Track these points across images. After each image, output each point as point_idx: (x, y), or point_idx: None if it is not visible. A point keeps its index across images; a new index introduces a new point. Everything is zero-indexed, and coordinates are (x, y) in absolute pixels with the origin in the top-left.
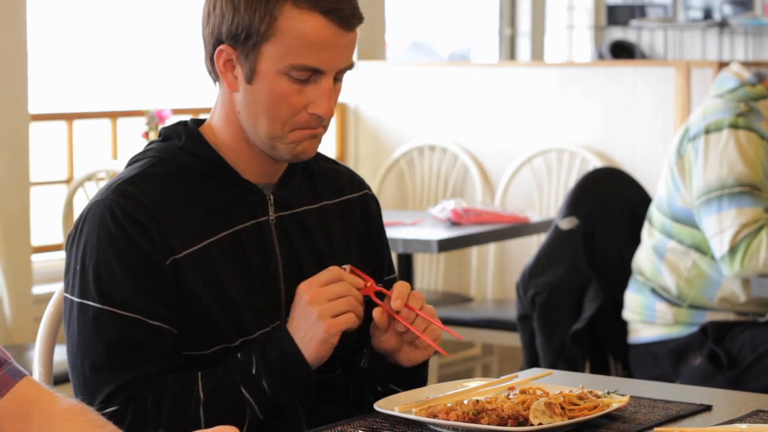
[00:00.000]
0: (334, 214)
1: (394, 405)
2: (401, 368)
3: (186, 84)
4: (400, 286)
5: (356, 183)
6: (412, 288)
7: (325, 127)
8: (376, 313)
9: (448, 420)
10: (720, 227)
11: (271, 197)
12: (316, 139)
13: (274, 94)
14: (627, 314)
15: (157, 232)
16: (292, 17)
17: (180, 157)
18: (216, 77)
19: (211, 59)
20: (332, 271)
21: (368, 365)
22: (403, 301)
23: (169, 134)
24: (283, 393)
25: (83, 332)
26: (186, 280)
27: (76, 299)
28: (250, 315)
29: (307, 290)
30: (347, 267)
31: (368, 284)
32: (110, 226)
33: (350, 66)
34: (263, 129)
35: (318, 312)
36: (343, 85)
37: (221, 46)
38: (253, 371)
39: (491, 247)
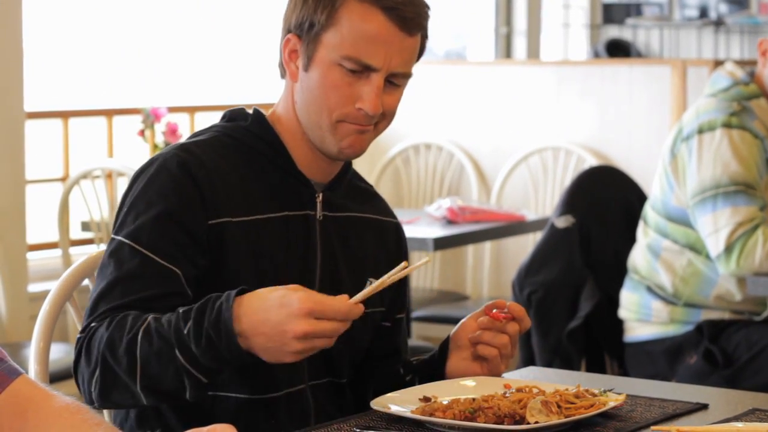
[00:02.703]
0: (373, 229)
1: (390, 403)
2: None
3: (182, 82)
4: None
5: (388, 210)
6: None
7: (378, 129)
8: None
9: (444, 418)
10: (715, 226)
11: (320, 195)
12: (364, 136)
13: (326, 83)
14: (623, 313)
15: (209, 192)
16: (353, 9)
17: (244, 135)
18: (284, 70)
19: (280, 50)
20: (343, 303)
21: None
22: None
23: (234, 116)
24: (213, 362)
25: (104, 262)
26: (226, 245)
27: (113, 236)
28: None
29: (303, 321)
30: (372, 281)
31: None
32: (168, 176)
33: (406, 72)
34: (314, 118)
35: (299, 349)
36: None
37: (288, 36)
38: (185, 331)
39: (487, 246)
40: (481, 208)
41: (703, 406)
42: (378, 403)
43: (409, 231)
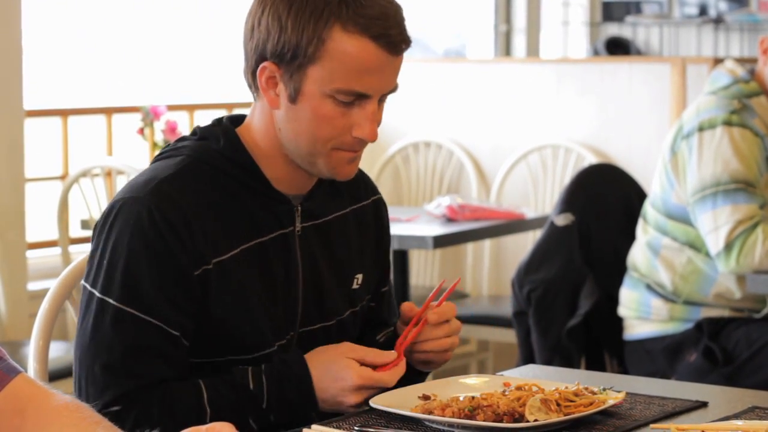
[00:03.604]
0: (352, 221)
1: (389, 401)
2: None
3: (181, 80)
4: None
5: (370, 188)
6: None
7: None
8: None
9: (444, 416)
10: (715, 224)
11: (299, 208)
12: (356, 161)
13: (317, 116)
14: (622, 310)
15: (191, 240)
16: (341, 41)
17: (216, 160)
18: (256, 91)
19: (252, 74)
20: (389, 357)
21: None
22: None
23: (206, 134)
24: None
25: (100, 329)
26: (211, 290)
27: (97, 294)
28: (269, 327)
29: (361, 377)
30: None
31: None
32: (146, 229)
33: (395, 89)
34: (304, 147)
35: (354, 402)
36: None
37: (265, 63)
38: (264, 405)
39: (486, 244)
40: (481, 206)
41: (703, 404)
42: (377, 402)
43: (409, 229)
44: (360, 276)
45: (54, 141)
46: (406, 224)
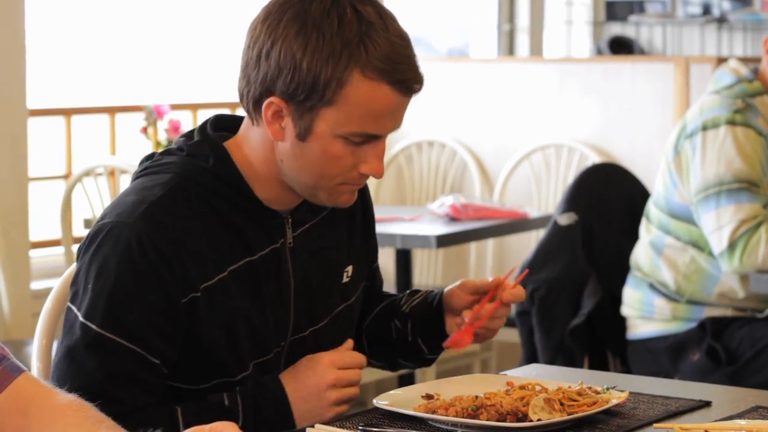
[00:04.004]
0: (340, 213)
1: (393, 401)
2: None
3: (185, 79)
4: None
5: None
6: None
7: None
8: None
9: (447, 416)
10: (718, 223)
11: (289, 219)
12: (357, 190)
13: (327, 155)
14: (625, 310)
15: (180, 269)
16: (359, 87)
17: (206, 179)
18: (257, 119)
19: (256, 102)
20: (355, 356)
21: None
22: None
23: (193, 152)
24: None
25: (81, 353)
26: (198, 316)
27: (80, 317)
28: (257, 347)
29: (330, 371)
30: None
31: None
32: (135, 257)
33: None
34: (308, 181)
35: (335, 398)
36: None
37: (272, 99)
38: (240, 424)
39: (490, 243)
40: (484, 206)
41: (706, 404)
42: (381, 401)
43: (412, 228)
44: (350, 268)
45: (57, 140)
46: (409, 224)
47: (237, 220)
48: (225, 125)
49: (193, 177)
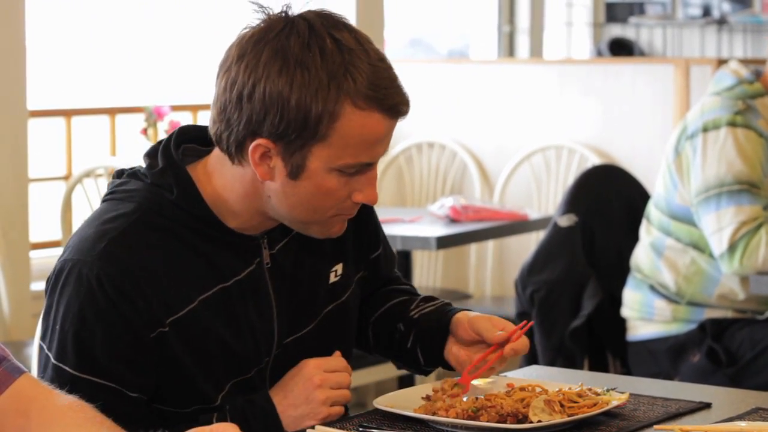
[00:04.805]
0: None
1: (393, 402)
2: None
3: (184, 80)
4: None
5: None
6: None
7: None
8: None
9: (447, 417)
10: (719, 225)
11: (265, 239)
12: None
13: (321, 190)
14: (625, 311)
15: (144, 304)
16: (352, 118)
17: (170, 211)
18: (239, 160)
19: (238, 144)
20: (341, 360)
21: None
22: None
23: (158, 181)
24: None
25: None
26: (170, 348)
27: (52, 359)
28: (235, 369)
29: (316, 372)
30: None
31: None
32: (97, 297)
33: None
34: (301, 216)
35: (323, 398)
36: None
37: (259, 141)
38: None
39: (490, 245)
40: (484, 207)
41: (706, 405)
42: (381, 402)
43: (412, 230)
44: (339, 266)
45: (57, 141)
46: (409, 225)
47: (206, 249)
48: (191, 137)
49: (156, 208)
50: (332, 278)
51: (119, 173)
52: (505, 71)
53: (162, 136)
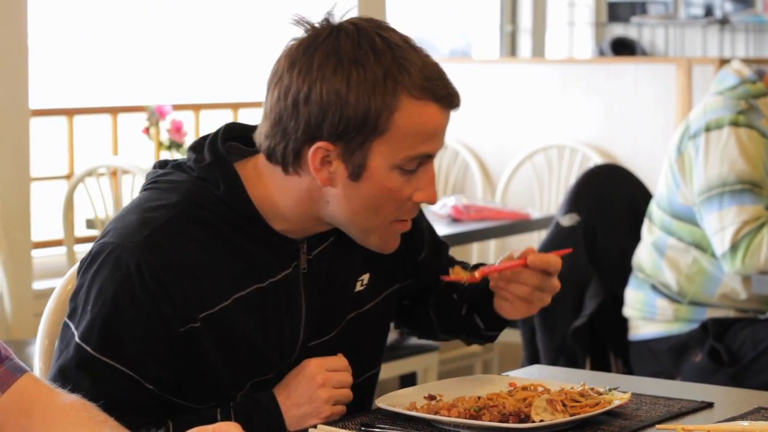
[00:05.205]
0: None
1: (395, 401)
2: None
3: (187, 80)
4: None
5: None
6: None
7: None
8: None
9: (450, 417)
10: (721, 224)
11: (305, 244)
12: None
13: (384, 191)
14: (627, 311)
15: (179, 298)
16: (409, 109)
17: (214, 206)
18: (296, 169)
19: (296, 154)
20: (342, 360)
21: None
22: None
23: (205, 175)
24: None
25: (75, 373)
26: (198, 344)
27: (76, 337)
28: (257, 369)
29: (319, 372)
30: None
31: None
32: (134, 284)
33: None
34: (363, 223)
35: (326, 398)
36: None
37: (319, 144)
38: None
39: (492, 244)
40: (486, 207)
41: (709, 405)
42: (383, 401)
43: None
44: (366, 276)
45: (59, 140)
46: None
47: (247, 247)
48: (235, 135)
49: (201, 202)
50: (358, 287)
51: (163, 164)
52: (507, 71)
53: (164, 135)
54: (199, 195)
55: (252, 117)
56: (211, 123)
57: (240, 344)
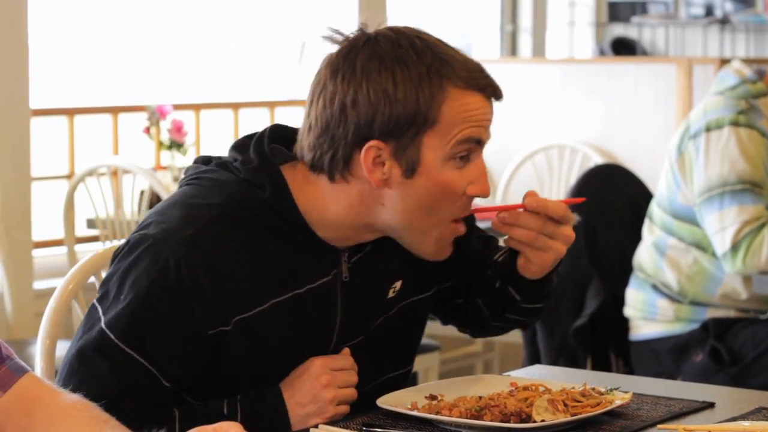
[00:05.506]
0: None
1: (396, 401)
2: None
3: (187, 79)
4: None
5: None
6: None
7: None
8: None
9: (451, 416)
10: (722, 225)
11: (347, 253)
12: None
13: (439, 186)
14: (628, 311)
15: (213, 300)
16: (456, 98)
17: (259, 209)
18: (344, 176)
19: (347, 159)
20: (348, 358)
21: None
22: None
23: (251, 178)
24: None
25: (94, 357)
26: (226, 348)
27: (102, 323)
28: (282, 375)
29: (323, 372)
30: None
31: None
32: (170, 281)
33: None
34: (419, 224)
35: (330, 398)
36: None
37: (371, 143)
38: None
39: None
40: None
41: (710, 405)
42: (385, 401)
43: None
44: (398, 283)
45: (60, 140)
46: None
47: (288, 253)
48: (279, 137)
49: (246, 204)
50: (390, 294)
51: (207, 160)
52: (508, 70)
53: (165, 135)
54: (245, 197)
55: (252, 117)
56: (212, 123)
57: (269, 349)
